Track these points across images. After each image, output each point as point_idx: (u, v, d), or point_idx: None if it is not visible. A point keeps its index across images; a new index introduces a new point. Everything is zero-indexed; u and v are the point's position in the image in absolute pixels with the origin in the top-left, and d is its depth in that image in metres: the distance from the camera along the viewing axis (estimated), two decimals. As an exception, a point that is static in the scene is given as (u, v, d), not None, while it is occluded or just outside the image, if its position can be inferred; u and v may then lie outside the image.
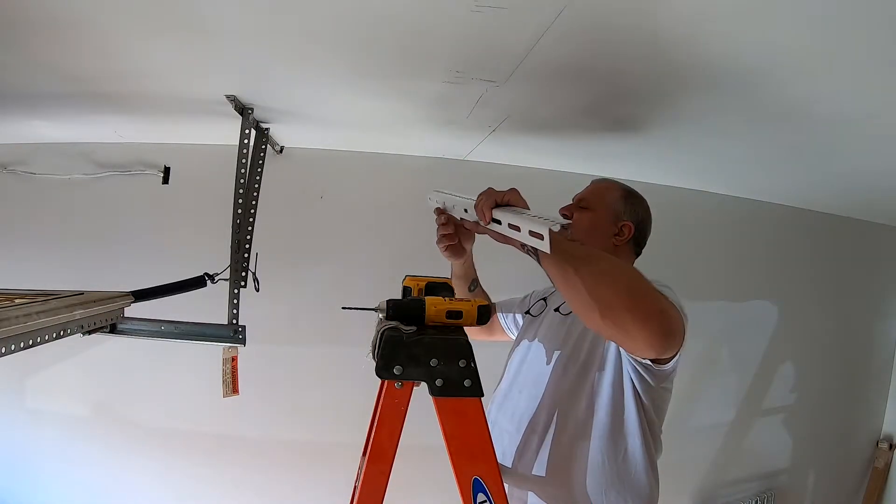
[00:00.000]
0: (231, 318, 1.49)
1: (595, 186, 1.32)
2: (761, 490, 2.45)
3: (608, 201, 1.26)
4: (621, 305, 0.82)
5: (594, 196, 1.28)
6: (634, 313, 0.82)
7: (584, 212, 1.25)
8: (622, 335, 0.87)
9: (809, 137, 1.49)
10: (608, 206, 1.25)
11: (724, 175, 2.10)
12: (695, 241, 2.32)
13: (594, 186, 1.32)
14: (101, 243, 2.02)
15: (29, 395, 2.03)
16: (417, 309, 0.90)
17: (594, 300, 0.82)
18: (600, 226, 1.24)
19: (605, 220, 1.24)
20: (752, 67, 1.08)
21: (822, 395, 2.57)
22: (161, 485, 2.05)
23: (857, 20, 0.87)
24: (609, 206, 1.25)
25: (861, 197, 2.18)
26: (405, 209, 2.10)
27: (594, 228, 1.23)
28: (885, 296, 2.70)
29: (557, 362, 1.15)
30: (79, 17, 1.03)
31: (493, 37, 1.01)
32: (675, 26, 0.94)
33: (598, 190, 1.30)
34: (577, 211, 1.26)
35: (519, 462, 1.12)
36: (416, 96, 1.42)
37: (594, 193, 1.29)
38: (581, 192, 1.32)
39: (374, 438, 0.86)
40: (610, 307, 0.82)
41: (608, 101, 1.35)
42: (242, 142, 1.51)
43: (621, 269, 0.87)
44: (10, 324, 0.78)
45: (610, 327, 0.85)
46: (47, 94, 1.50)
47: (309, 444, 2.07)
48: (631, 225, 1.24)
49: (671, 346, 0.91)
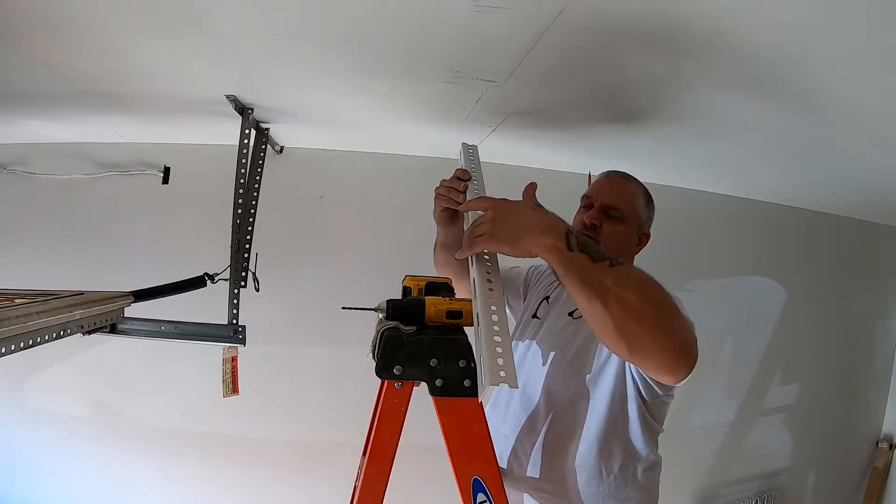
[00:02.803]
0: (231, 318, 1.49)
1: (621, 189, 1.18)
2: (761, 490, 2.45)
3: (637, 210, 1.17)
4: (651, 343, 0.78)
5: (624, 203, 1.16)
6: (664, 352, 0.79)
7: (616, 224, 1.14)
8: (646, 365, 0.85)
9: (811, 137, 1.49)
10: (637, 216, 1.16)
11: (725, 175, 2.10)
12: (694, 240, 2.32)
13: (620, 189, 1.18)
14: (101, 243, 2.02)
15: (29, 395, 2.04)
16: (417, 309, 0.90)
17: (622, 336, 0.77)
18: (630, 239, 1.17)
19: (634, 233, 1.18)
20: (752, 66, 1.08)
21: (822, 394, 2.57)
22: (161, 484, 2.05)
23: (860, 19, 0.87)
24: (637, 216, 1.17)
25: (861, 197, 2.18)
26: (405, 209, 2.10)
27: (625, 244, 1.16)
28: (885, 296, 2.70)
29: (558, 365, 1.14)
30: (78, 17, 1.03)
31: (493, 37, 1.01)
32: (675, 25, 0.94)
33: (627, 196, 1.17)
34: (607, 221, 1.14)
35: (514, 464, 1.12)
36: (416, 96, 1.42)
37: (623, 200, 1.16)
38: (602, 193, 1.17)
39: (374, 438, 0.86)
40: (640, 344, 0.78)
41: (608, 101, 1.35)
42: (242, 142, 1.51)
43: (651, 300, 0.79)
44: (10, 324, 0.78)
45: (637, 359, 0.83)
46: (47, 94, 1.50)
47: (309, 444, 2.07)
48: (649, 234, 1.21)
49: (688, 371, 0.87)
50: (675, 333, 0.80)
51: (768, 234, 2.45)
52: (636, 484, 1.07)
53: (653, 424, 1.08)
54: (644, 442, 1.07)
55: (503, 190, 1.63)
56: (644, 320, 0.77)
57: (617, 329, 0.77)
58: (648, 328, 0.77)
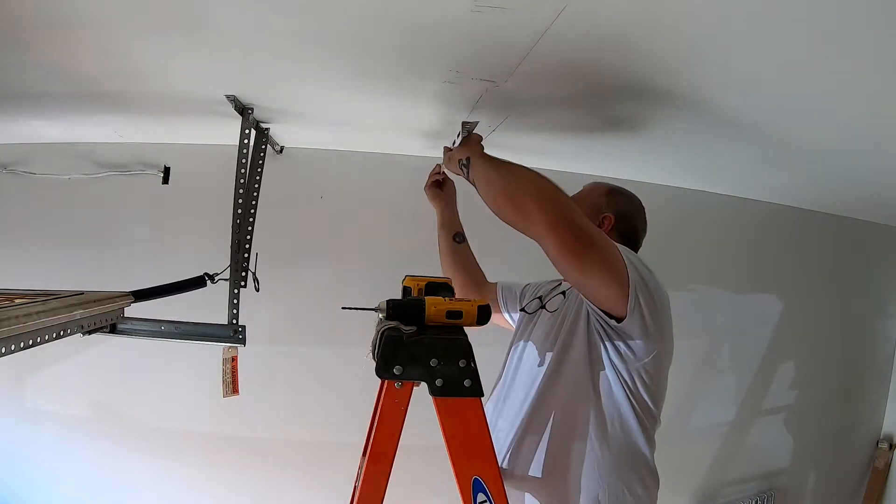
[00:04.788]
0: (231, 318, 1.49)
1: (583, 188, 1.39)
2: (761, 490, 2.45)
3: (591, 199, 1.32)
4: (534, 204, 0.99)
5: (580, 196, 1.34)
6: (545, 213, 0.98)
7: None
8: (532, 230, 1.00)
9: (810, 137, 1.49)
10: (591, 204, 1.30)
11: (725, 175, 2.10)
12: (694, 240, 2.32)
13: (583, 189, 1.39)
14: (101, 243, 2.02)
15: (29, 394, 2.04)
16: (417, 309, 0.90)
17: (506, 195, 1.05)
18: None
19: (588, 216, 1.28)
20: (752, 67, 1.08)
21: (823, 394, 2.57)
22: (161, 484, 2.05)
23: (857, 21, 0.87)
24: (592, 203, 1.30)
25: (861, 197, 2.18)
26: (405, 209, 2.10)
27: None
28: (885, 296, 2.70)
29: (548, 362, 1.16)
30: (79, 17, 1.03)
31: (493, 37, 1.01)
32: (676, 25, 0.94)
33: (585, 191, 1.37)
34: None
35: (515, 463, 1.13)
36: (415, 96, 1.42)
37: (581, 194, 1.35)
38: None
39: (374, 438, 0.86)
40: (523, 200, 1.01)
41: (609, 101, 1.35)
42: (242, 142, 1.51)
43: (539, 178, 1.04)
44: (10, 324, 0.77)
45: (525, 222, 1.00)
46: (47, 94, 1.50)
47: (309, 444, 2.07)
48: (611, 216, 1.27)
49: (589, 265, 0.99)
50: (557, 202, 1.00)
51: (768, 233, 2.45)
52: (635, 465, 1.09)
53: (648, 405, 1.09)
54: (640, 426, 1.09)
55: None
56: (528, 183, 1.04)
57: (503, 187, 1.07)
58: (531, 190, 1.02)
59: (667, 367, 1.12)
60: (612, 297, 1.01)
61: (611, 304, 1.02)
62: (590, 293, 1.05)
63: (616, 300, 1.01)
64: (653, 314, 1.03)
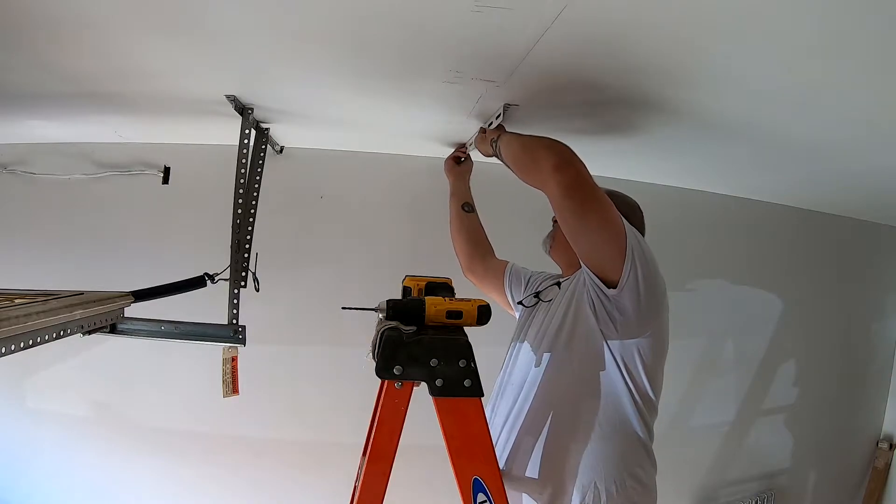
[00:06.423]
0: (231, 318, 1.49)
1: None
2: (761, 490, 2.45)
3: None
4: (543, 149, 1.14)
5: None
6: (551, 155, 1.11)
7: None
8: (541, 176, 1.11)
9: (809, 137, 1.49)
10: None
11: (725, 175, 2.10)
12: (694, 241, 2.32)
13: None
14: (101, 243, 2.02)
15: (29, 395, 2.03)
16: (417, 309, 0.90)
17: (524, 148, 1.21)
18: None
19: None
20: (751, 67, 1.08)
21: (823, 394, 2.57)
22: (161, 484, 2.05)
23: (856, 21, 0.87)
24: None
25: (861, 197, 2.18)
26: (405, 209, 2.10)
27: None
28: (885, 296, 2.70)
29: (544, 351, 1.17)
30: (79, 17, 1.03)
31: (493, 37, 1.01)
32: (677, 25, 0.94)
33: None
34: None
35: (513, 463, 1.13)
36: (415, 96, 1.42)
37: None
38: None
39: (374, 438, 0.86)
40: (533, 149, 1.17)
41: (609, 101, 1.35)
42: (242, 142, 1.51)
43: (557, 140, 1.15)
44: (10, 324, 0.77)
45: (531, 167, 1.15)
46: (47, 94, 1.50)
47: (309, 444, 2.07)
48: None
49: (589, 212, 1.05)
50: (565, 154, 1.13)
51: (768, 234, 2.45)
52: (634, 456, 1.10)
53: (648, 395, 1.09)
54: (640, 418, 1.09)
55: (502, 188, 1.65)
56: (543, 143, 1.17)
57: (522, 146, 1.23)
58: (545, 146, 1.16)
59: (663, 358, 1.12)
60: (607, 256, 1.02)
61: (606, 266, 1.03)
62: (587, 252, 1.06)
63: (612, 262, 1.02)
64: (648, 289, 1.03)
